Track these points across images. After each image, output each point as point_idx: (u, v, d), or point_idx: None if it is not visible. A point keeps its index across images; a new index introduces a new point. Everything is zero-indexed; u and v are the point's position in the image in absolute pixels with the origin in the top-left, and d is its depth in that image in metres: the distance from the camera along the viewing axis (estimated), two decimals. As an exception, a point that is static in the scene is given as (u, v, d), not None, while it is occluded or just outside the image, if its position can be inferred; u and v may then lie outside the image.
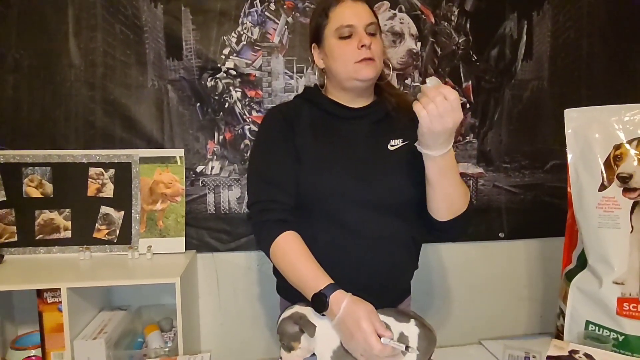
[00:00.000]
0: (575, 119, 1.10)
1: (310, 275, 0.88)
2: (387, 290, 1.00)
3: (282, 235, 0.93)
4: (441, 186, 0.91)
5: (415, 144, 0.87)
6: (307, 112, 1.03)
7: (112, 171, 1.50)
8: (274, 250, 0.93)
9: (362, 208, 0.97)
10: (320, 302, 0.83)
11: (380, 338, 0.78)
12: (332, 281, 0.86)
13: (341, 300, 0.82)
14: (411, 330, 0.83)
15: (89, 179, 1.49)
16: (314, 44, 1.03)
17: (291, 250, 0.92)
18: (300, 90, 1.56)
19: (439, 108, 0.78)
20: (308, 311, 0.86)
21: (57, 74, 1.47)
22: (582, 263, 1.10)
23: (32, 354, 1.35)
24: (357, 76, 0.96)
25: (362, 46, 0.93)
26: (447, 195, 0.93)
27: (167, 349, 1.33)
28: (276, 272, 1.01)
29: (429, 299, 1.74)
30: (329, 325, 0.84)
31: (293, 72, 1.56)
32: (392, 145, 1.01)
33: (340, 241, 0.97)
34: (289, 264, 0.92)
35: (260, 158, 1.02)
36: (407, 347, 0.77)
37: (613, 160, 1.03)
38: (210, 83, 1.53)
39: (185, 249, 1.53)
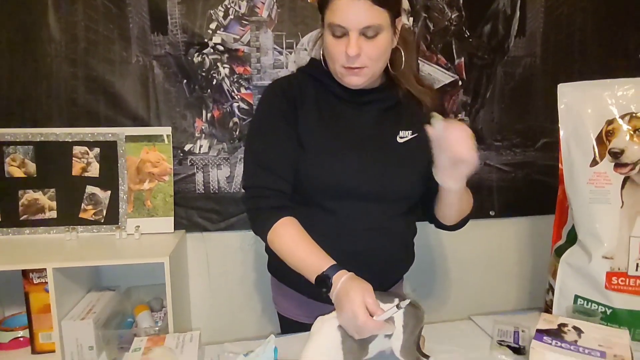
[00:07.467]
0: (568, 93, 1.09)
1: (312, 258, 0.86)
2: (380, 282, 0.99)
3: (279, 222, 0.91)
4: (458, 204, 0.96)
5: (441, 182, 0.88)
6: (312, 92, 0.97)
7: (97, 150, 1.47)
8: (272, 237, 0.92)
9: (362, 200, 0.95)
10: (324, 283, 0.82)
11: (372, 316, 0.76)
12: (335, 262, 0.84)
13: (341, 276, 0.81)
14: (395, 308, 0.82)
15: (74, 158, 1.45)
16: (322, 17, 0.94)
17: (290, 235, 0.90)
18: (290, 66, 1.53)
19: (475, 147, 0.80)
20: None
21: (37, 49, 1.42)
22: (572, 239, 1.10)
23: (19, 335, 1.34)
24: (344, 80, 0.93)
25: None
26: (461, 209, 0.98)
27: (157, 328, 1.33)
28: (269, 250, 1.00)
29: (419, 276, 1.75)
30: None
31: (282, 48, 1.52)
32: (401, 137, 0.98)
33: (335, 230, 0.96)
34: (289, 249, 0.90)
35: (258, 139, 0.98)
36: (398, 306, 0.76)
37: (605, 136, 1.03)
38: (197, 59, 1.49)
39: (174, 229, 1.51)
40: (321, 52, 0.98)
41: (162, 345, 0.88)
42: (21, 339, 1.33)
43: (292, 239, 0.90)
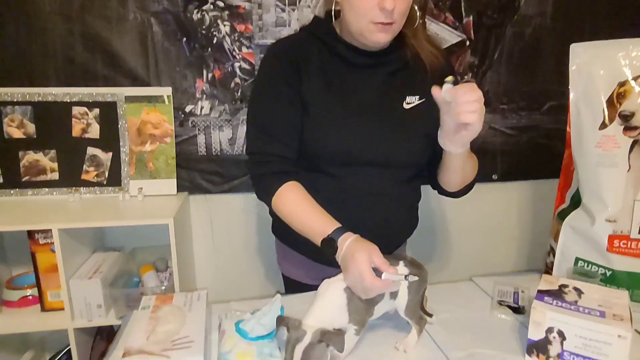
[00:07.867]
0: (581, 54, 1.05)
1: (317, 221, 0.86)
2: (383, 246, 0.99)
3: (284, 186, 0.90)
4: (463, 170, 0.94)
5: (443, 145, 0.86)
6: (317, 54, 0.94)
7: (96, 111, 1.44)
8: (277, 202, 0.91)
9: (367, 166, 0.94)
10: (329, 247, 0.82)
11: (379, 274, 0.76)
12: (340, 225, 0.84)
13: (347, 239, 0.81)
14: (401, 271, 0.83)
15: (73, 119, 1.43)
16: None
17: (295, 199, 0.90)
18: (293, 25, 1.48)
19: (482, 111, 0.77)
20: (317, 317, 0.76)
21: (29, 5, 1.36)
22: (576, 202, 1.10)
23: (28, 294, 1.36)
24: (370, 37, 0.87)
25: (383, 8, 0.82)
26: (464, 174, 0.97)
27: (163, 288, 1.35)
28: (273, 213, 1.00)
29: (422, 239, 1.76)
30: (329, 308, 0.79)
31: (285, 5, 1.47)
32: (408, 103, 0.95)
33: (340, 196, 0.95)
34: (294, 214, 0.90)
35: (260, 104, 0.96)
36: (406, 277, 0.77)
37: (616, 98, 1.00)
38: (196, 16, 1.43)
39: (177, 191, 1.51)
40: (331, 9, 0.94)
41: (171, 304, 0.89)
42: (30, 297, 1.36)
43: (296, 203, 0.90)
